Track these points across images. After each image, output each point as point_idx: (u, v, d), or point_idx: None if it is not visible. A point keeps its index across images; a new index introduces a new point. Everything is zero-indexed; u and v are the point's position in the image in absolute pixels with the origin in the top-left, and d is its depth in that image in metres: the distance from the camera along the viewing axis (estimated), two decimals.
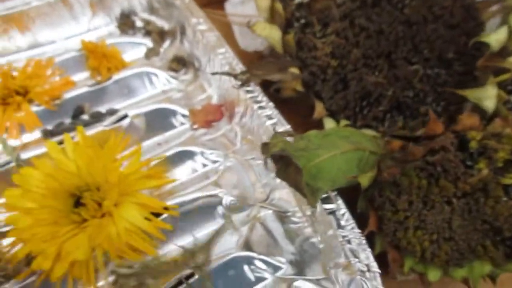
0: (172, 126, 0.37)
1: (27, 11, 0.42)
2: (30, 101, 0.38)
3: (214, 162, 0.34)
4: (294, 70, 0.33)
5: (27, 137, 0.36)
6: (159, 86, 0.40)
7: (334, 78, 0.33)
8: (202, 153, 0.34)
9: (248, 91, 0.33)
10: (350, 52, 0.33)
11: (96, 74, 0.40)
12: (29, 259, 0.27)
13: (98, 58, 0.40)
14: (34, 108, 0.37)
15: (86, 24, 0.45)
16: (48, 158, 0.29)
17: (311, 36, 0.34)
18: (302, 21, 0.34)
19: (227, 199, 0.31)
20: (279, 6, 0.34)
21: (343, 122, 0.33)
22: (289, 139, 0.28)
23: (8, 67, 0.40)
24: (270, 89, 0.34)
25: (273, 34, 0.34)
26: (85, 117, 0.37)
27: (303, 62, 0.34)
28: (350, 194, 0.28)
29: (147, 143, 0.36)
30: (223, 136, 0.36)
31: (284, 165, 0.25)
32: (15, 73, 0.39)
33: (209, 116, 0.37)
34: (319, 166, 0.26)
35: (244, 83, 0.33)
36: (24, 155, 0.34)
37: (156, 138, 0.36)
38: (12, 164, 0.33)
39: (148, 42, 0.44)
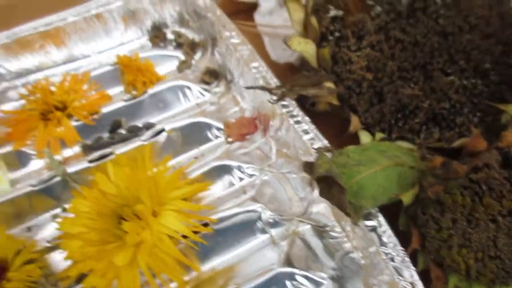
0: (208, 140, 0.37)
1: (63, 27, 0.43)
2: (69, 116, 0.39)
3: (251, 176, 0.34)
4: (329, 84, 0.33)
5: (67, 152, 0.37)
6: (193, 99, 0.40)
7: (370, 91, 0.33)
8: (238, 167, 0.35)
9: (283, 106, 0.34)
10: (386, 64, 0.33)
11: (131, 88, 0.41)
12: (79, 276, 0.28)
13: (133, 72, 0.41)
14: (72, 123, 0.39)
15: (118, 38, 0.46)
16: (95, 184, 0.30)
17: (346, 49, 0.34)
18: (337, 34, 0.34)
19: (265, 214, 0.31)
20: (313, 20, 0.34)
21: (379, 135, 0.33)
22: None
23: (46, 82, 0.41)
24: (305, 104, 0.34)
25: (308, 48, 0.34)
26: (122, 131, 0.38)
27: (338, 76, 0.34)
28: (390, 210, 0.28)
29: (183, 157, 0.37)
30: (258, 149, 0.36)
31: (327, 184, 0.25)
32: (52, 88, 0.40)
33: (243, 129, 0.37)
34: (360, 183, 0.26)
35: (280, 98, 0.33)
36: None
37: (192, 152, 0.37)
38: (58, 179, 0.34)
39: (180, 55, 0.45)
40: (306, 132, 0.32)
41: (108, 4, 0.44)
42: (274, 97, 0.34)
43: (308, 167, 0.25)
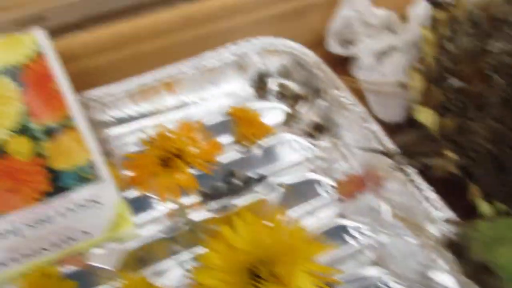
0: (318, 195, 0.39)
1: (178, 76, 0.46)
2: (186, 163, 0.41)
3: (366, 236, 0.35)
4: (450, 154, 0.34)
5: (186, 199, 0.40)
6: (301, 153, 0.42)
7: (491, 162, 0.34)
8: (352, 227, 0.36)
9: (402, 170, 0.35)
10: (508, 136, 0.34)
11: (242, 139, 0.43)
12: None
13: (245, 124, 0.43)
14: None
15: (225, 88, 0.48)
16: (221, 236, 0.32)
17: (467, 120, 0.35)
18: (458, 104, 0.35)
19: (385, 278, 0.32)
20: (435, 89, 0.35)
21: (499, 206, 0.34)
22: None
23: (163, 128, 0.44)
24: (422, 169, 0.35)
25: (431, 118, 0.35)
26: (236, 181, 0.40)
27: (459, 145, 0.35)
28: None
29: (296, 212, 0.38)
30: (371, 209, 0.37)
31: (474, 265, 0.26)
32: (169, 134, 0.43)
33: (354, 187, 0.39)
34: (503, 265, 0.27)
35: (401, 165, 0.35)
36: None
37: (305, 207, 0.38)
38: (183, 226, 0.36)
39: (283, 106, 0.47)
40: (426, 199, 0.33)
41: (218, 56, 0.47)
42: (390, 160, 0.36)
43: (453, 246, 0.26)
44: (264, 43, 0.47)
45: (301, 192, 0.39)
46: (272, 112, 0.47)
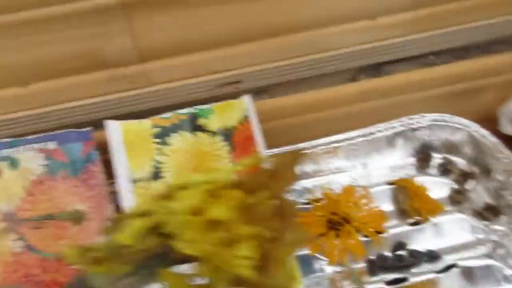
0: (499, 284, 0.37)
1: (348, 143, 0.48)
2: (355, 229, 0.43)
3: None
4: None
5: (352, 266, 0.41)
6: (474, 235, 0.41)
7: None
8: None
9: None
10: None
11: (409, 211, 0.43)
12: None
13: (411, 196, 0.44)
14: None
15: (388, 157, 0.49)
16: None
17: None
18: None
19: None
20: None
21: None
22: None
23: (328, 190, 0.46)
24: None
25: None
26: (404, 253, 0.40)
27: None
28: None
29: None
30: None
31: None
32: (334, 197, 0.45)
33: None
34: None
35: None
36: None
37: None
38: None
39: (447, 181, 0.46)
40: None
41: (388, 127, 0.48)
42: None
43: None
44: (435, 118, 0.48)
45: (476, 277, 0.38)
46: (436, 187, 0.46)
